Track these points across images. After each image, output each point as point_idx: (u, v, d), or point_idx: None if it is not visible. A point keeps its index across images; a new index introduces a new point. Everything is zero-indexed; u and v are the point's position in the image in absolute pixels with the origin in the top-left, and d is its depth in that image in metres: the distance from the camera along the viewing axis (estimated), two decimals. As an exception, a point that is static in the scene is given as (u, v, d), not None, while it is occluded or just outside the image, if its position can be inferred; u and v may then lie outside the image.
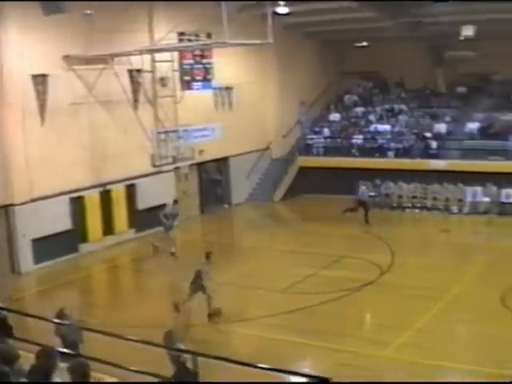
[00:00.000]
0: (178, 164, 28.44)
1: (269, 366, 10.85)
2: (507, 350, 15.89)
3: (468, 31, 32.94)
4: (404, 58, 37.98)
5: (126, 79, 27.85)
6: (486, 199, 30.97)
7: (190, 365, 11.66)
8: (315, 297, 19.94)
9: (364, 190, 30.97)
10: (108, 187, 27.54)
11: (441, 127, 36.03)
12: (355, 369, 14.59)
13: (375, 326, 19.08)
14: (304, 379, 11.04)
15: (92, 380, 8.68)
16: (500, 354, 15.61)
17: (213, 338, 17.25)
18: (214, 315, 18.61)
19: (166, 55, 26.92)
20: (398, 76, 40.43)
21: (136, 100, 28.34)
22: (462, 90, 38.71)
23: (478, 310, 18.65)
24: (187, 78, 28.60)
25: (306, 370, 14.75)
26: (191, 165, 31.25)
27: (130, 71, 27.95)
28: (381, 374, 14.42)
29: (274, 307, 19.67)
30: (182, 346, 12.70)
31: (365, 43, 39.51)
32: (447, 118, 36.65)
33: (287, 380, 11.30)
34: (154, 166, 26.30)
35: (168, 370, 11.77)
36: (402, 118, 38.09)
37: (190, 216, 31.23)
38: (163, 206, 27.15)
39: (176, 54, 27.82)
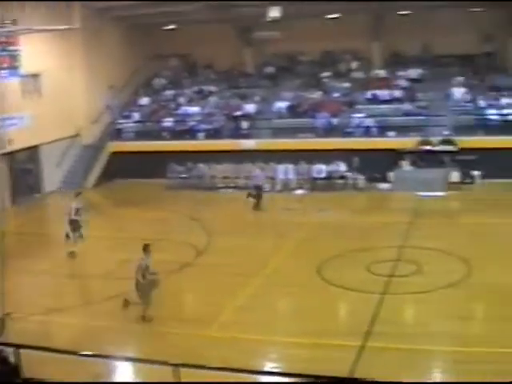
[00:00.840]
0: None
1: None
2: (326, 321, 16.19)
3: (274, 12, 33.36)
4: (213, 40, 37.92)
5: None
6: (298, 176, 31.72)
7: (11, 359, 10.83)
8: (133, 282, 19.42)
9: (258, 173, 30.31)
10: None
11: (250, 107, 36.43)
12: (183, 350, 14.25)
13: (196, 306, 18.84)
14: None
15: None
16: (319, 324, 15.86)
17: (32, 329, 16.25)
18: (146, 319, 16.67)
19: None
20: (207, 58, 40.39)
21: None
22: (270, 70, 39.40)
23: (296, 284, 18.88)
24: (-8, 66, 27.14)
25: (130, 355, 14.33)
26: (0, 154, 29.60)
27: None
28: (207, 354, 14.18)
29: (93, 294, 18.98)
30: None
31: (173, 26, 39.08)
32: (256, 98, 37.08)
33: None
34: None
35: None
36: (212, 99, 38.13)
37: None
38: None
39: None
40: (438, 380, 13.32)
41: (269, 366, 14.08)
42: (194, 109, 37.44)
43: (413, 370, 13.31)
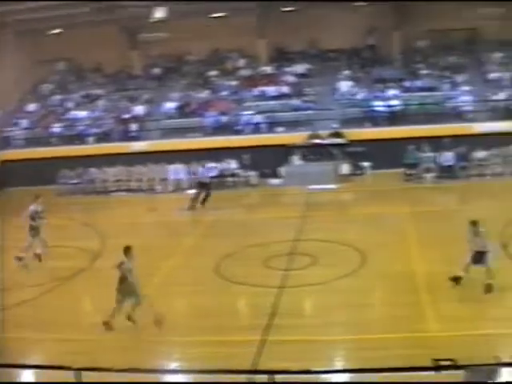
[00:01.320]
0: None
1: None
2: (226, 317, 16.23)
3: (160, 13, 33.24)
4: (100, 43, 37.44)
5: None
6: (190, 176, 31.68)
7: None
8: (32, 289, 18.96)
9: (204, 170, 29.76)
10: None
11: (139, 109, 36.21)
12: (84, 356, 14.00)
13: (94, 310, 18.53)
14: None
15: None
16: (220, 321, 15.90)
17: None
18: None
19: None
20: (94, 61, 39.84)
21: None
22: (157, 71, 39.16)
23: (194, 282, 18.87)
24: None
25: (37, 363, 13.98)
26: None
27: None
28: (110, 357, 13.98)
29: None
30: None
31: (59, 30, 38.28)
32: (145, 100, 36.84)
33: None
34: None
35: None
36: (100, 102, 37.68)
37: None
38: None
39: None
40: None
41: (172, 366, 14.00)
42: (83, 113, 36.95)
43: (315, 360, 13.47)
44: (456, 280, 17.00)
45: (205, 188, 28.29)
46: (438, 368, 8.73)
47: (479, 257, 16.69)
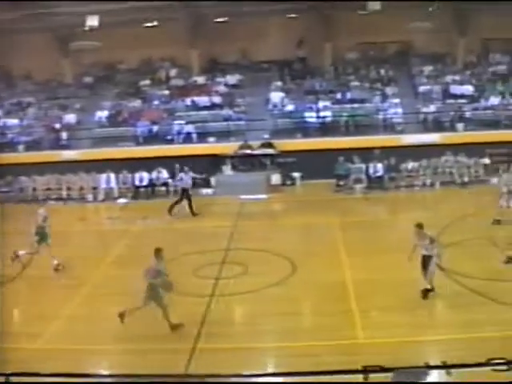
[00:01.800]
0: None
1: None
2: (157, 326, 16.11)
3: (93, 21, 32.96)
4: (31, 50, 36.88)
5: None
6: (120, 185, 31.55)
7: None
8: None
9: (184, 176, 28.82)
10: None
11: (70, 118, 35.85)
12: (12, 365, 13.74)
13: (23, 319, 18.26)
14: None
15: None
16: (150, 329, 15.83)
17: None
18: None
19: None
20: (25, 69, 39.26)
21: None
22: (88, 79, 38.83)
23: (124, 291, 18.65)
24: None
25: None
26: None
27: None
28: (38, 366, 13.76)
29: None
30: None
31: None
32: (76, 108, 36.50)
33: None
34: None
35: None
36: (31, 110, 37.16)
37: None
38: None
39: None
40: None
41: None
42: (13, 121, 36.38)
43: (245, 368, 13.51)
44: (426, 293, 17.21)
45: (185, 195, 28.06)
46: (365, 371, 8.88)
47: (426, 262, 17.09)
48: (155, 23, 36.41)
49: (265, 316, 16.52)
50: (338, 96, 35.15)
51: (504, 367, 8.92)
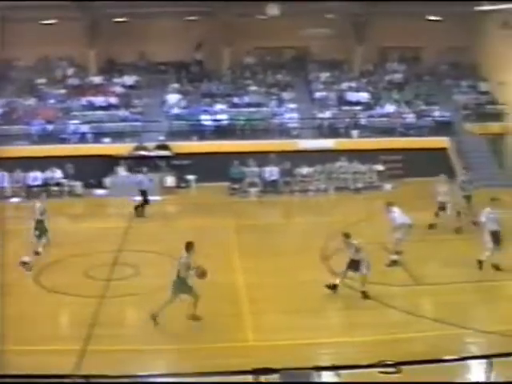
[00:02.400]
0: None
1: None
2: (46, 327, 15.85)
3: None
4: None
5: None
6: (13, 184, 30.80)
7: None
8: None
9: (143, 177, 27.99)
10: None
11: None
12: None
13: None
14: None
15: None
16: (39, 331, 15.56)
17: None
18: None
19: None
20: None
21: None
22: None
23: (13, 292, 18.14)
24: None
25: None
26: None
27: None
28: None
29: None
30: None
31: None
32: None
33: None
34: None
35: None
36: None
37: None
38: None
39: None
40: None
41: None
42: None
43: (135, 369, 13.34)
44: (332, 288, 17.69)
45: (143, 195, 27.56)
46: (254, 372, 8.86)
47: (355, 265, 17.54)
48: (53, 21, 35.60)
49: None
50: (235, 100, 35.29)
51: (392, 369, 9.07)
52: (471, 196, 24.79)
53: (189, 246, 16.39)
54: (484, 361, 9.65)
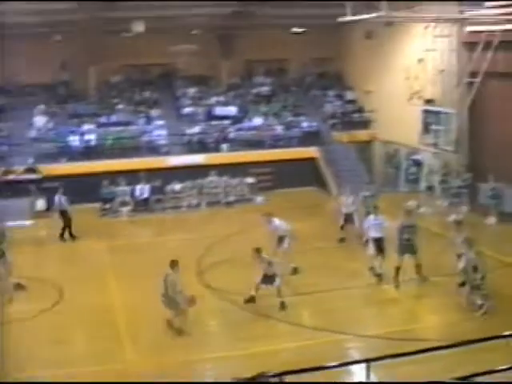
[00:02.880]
0: None
1: None
2: None
3: None
4: None
5: None
6: None
7: None
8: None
9: (61, 197, 26.71)
10: None
11: None
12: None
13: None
14: None
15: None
16: None
17: None
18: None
19: None
20: None
21: None
22: None
23: None
24: None
25: None
26: None
27: None
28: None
29: None
30: None
31: None
32: None
33: None
34: None
35: None
36: None
37: None
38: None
39: None
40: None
41: None
42: None
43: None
44: (250, 300, 18.06)
45: (63, 217, 26.81)
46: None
47: (268, 279, 17.85)
48: None
49: (34, 345, 16.12)
50: (103, 119, 34.97)
51: (276, 379, 9.38)
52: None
53: (172, 264, 16.85)
54: (364, 364, 10.14)
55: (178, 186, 31.66)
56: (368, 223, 20.62)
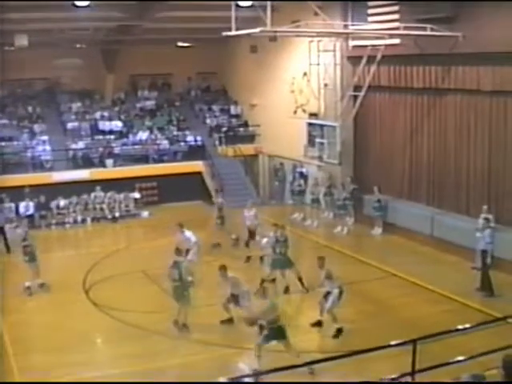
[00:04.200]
0: None
1: None
2: None
3: None
4: None
5: None
6: None
7: None
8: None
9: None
10: None
11: None
12: None
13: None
14: None
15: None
16: None
17: None
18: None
19: None
20: None
21: None
22: None
23: None
24: None
25: None
26: None
27: None
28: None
29: None
30: None
31: None
32: None
33: None
34: None
35: None
36: None
37: None
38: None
39: None
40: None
41: None
42: None
43: None
44: (228, 322, 17.90)
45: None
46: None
47: (234, 299, 17.68)
48: None
49: None
50: (-15, 135, 34.21)
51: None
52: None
53: (179, 252, 17.79)
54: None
55: (62, 202, 31.31)
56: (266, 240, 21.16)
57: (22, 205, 30.40)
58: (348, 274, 20.90)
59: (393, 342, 12.04)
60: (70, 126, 36.15)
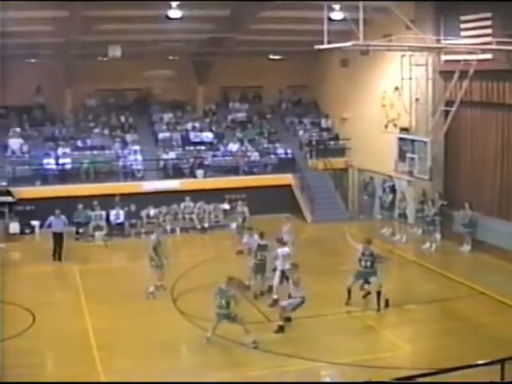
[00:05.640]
0: None
1: None
2: None
3: None
4: None
5: None
6: None
7: None
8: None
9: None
10: None
11: None
12: None
13: None
14: None
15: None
16: None
17: None
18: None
19: None
20: None
21: None
22: None
23: None
24: None
25: None
26: None
27: None
28: None
29: None
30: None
31: None
32: None
33: None
34: None
35: None
36: None
37: None
38: None
39: None
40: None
41: None
42: None
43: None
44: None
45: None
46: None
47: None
48: None
49: (8, 369, 15.92)
50: (79, 143, 34.86)
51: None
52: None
53: (231, 281, 17.55)
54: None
55: (152, 211, 31.57)
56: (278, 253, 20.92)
57: (112, 213, 30.82)
58: (435, 291, 20.41)
59: (480, 362, 11.53)
60: (161, 136, 36.49)
